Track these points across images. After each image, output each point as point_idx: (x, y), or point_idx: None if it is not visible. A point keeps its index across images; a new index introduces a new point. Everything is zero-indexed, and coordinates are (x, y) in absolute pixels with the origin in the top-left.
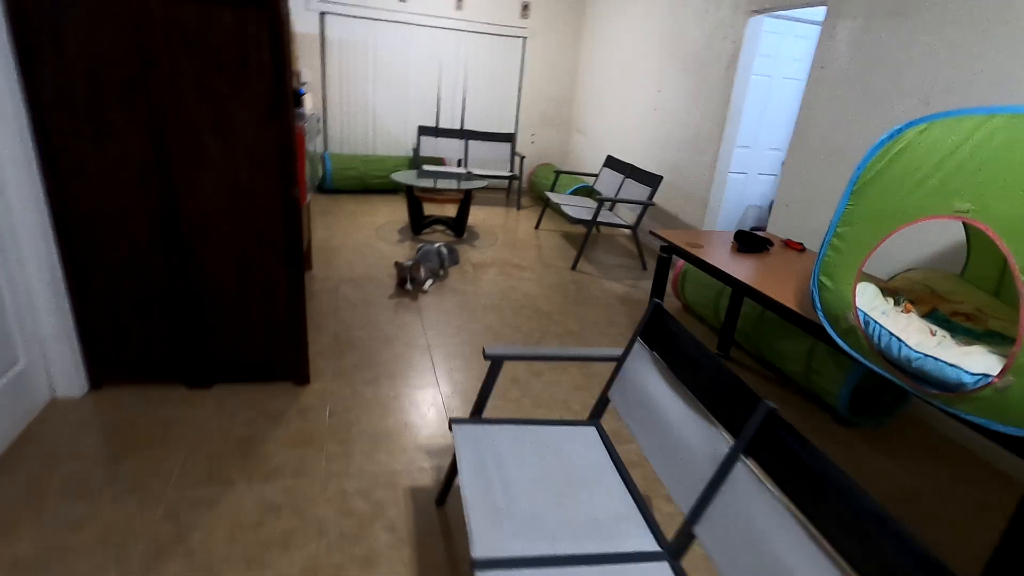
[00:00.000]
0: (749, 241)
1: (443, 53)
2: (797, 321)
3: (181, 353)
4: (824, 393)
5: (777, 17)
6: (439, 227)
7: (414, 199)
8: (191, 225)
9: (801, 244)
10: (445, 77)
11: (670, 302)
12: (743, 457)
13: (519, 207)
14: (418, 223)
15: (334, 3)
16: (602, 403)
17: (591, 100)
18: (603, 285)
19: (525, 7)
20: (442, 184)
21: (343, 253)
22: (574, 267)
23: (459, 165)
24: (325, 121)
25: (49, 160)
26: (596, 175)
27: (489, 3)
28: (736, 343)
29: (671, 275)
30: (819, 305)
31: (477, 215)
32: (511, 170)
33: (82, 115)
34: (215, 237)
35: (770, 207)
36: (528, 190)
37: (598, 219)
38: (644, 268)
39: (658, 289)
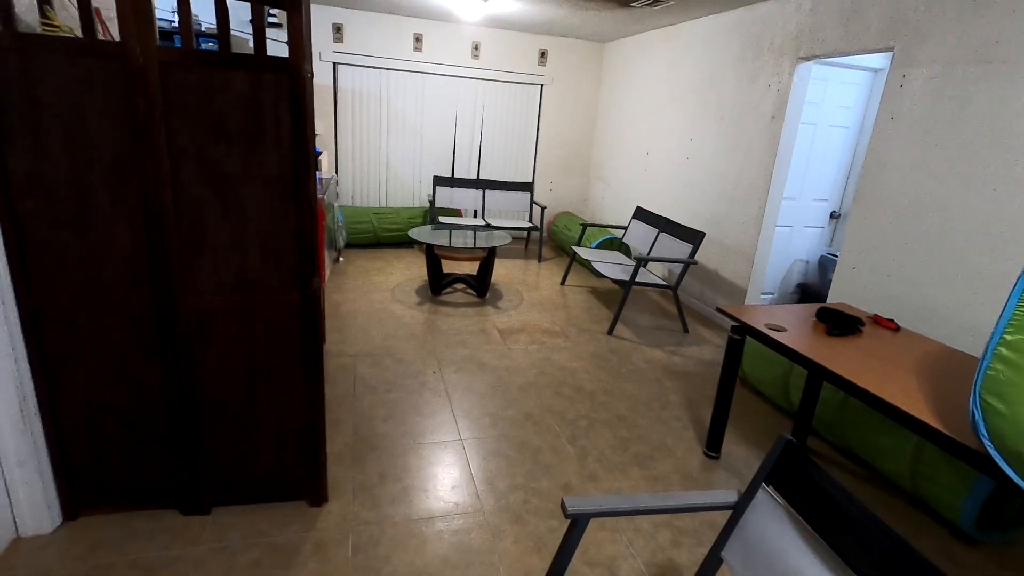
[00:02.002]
0: (838, 321)
1: (458, 101)
2: (941, 442)
3: (175, 474)
4: (938, 503)
5: (824, 63)
6: (459, 285)
7: (433, 257)
8: (190, 325)
9: (894, 322)
10: (460, 126)
11: (717, 373)
12: None
13: (540, 259)
14: (437, 282)
15: (348, 53)
16: (712, 564)
17: (612, 148)
18: (645, 353)
19: (542, 54)
20: (463, 241)
21: (358, 319)
22: (611, 331)
23: (476, 216)
24: (337, 174)
25: (19, 253)
26: (624, 227)
27: (506, 51)
28: (814, 431)
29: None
30: (985, 432)
31: (497, 269)
32: (530, 220)
33: (61, 199)
34: (218, 339)
35: (820, 263)
36: (547, 239)
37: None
38: (686, 331)
39: (729, 377)
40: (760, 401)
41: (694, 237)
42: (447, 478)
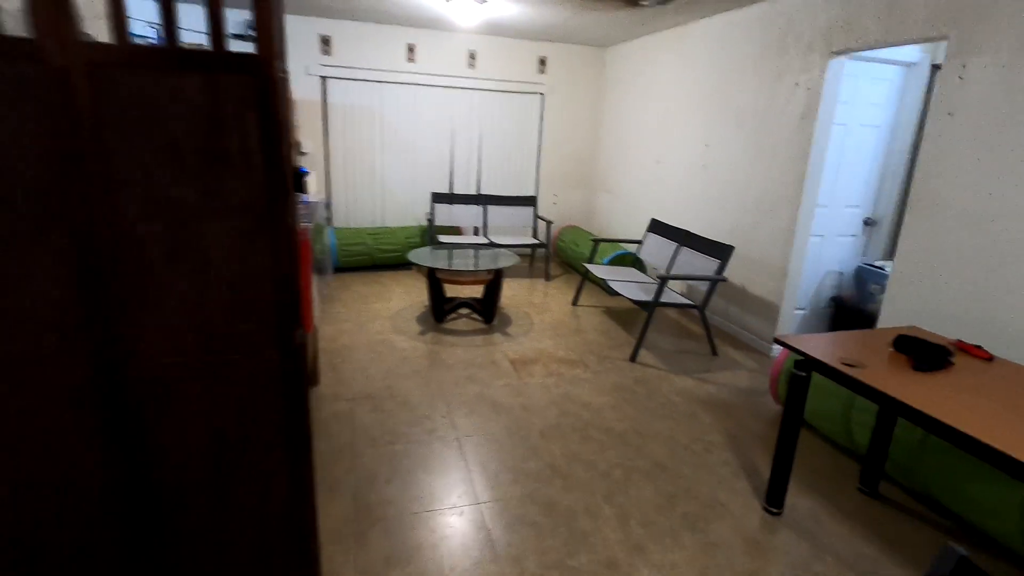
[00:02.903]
0: (922, 353)
1: (455, 114)
2: None
3: None
4: None
5: (855, 59)
6: (464, 311)
7: (435, 281)
8: (139, 395)
9: (983, 349)
10: (458, 139)
11: (758, 403)
12: None
13: (548, 277)
14: (440, 309)
15: (337, 66)
16: None
17: (618, 157)
18: (674, 383)
19: (542, 61)
20: (466, 263)
21: (355, 355)
22: (633, 358)
23: (477, 234)
24: (329, 194)
25: None
26: (639, 241)
27: (504, 60)
28: (888, 476)
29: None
30: None
31: (503, 290)
32: (535, 236)
33: None
34: (177, 410)
35: (857, 274)
36: (554, 255)
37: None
38: (714, 354)
39: (792, 423)
40: (813, 436)
41: (721, 251)
42: (467, 559)
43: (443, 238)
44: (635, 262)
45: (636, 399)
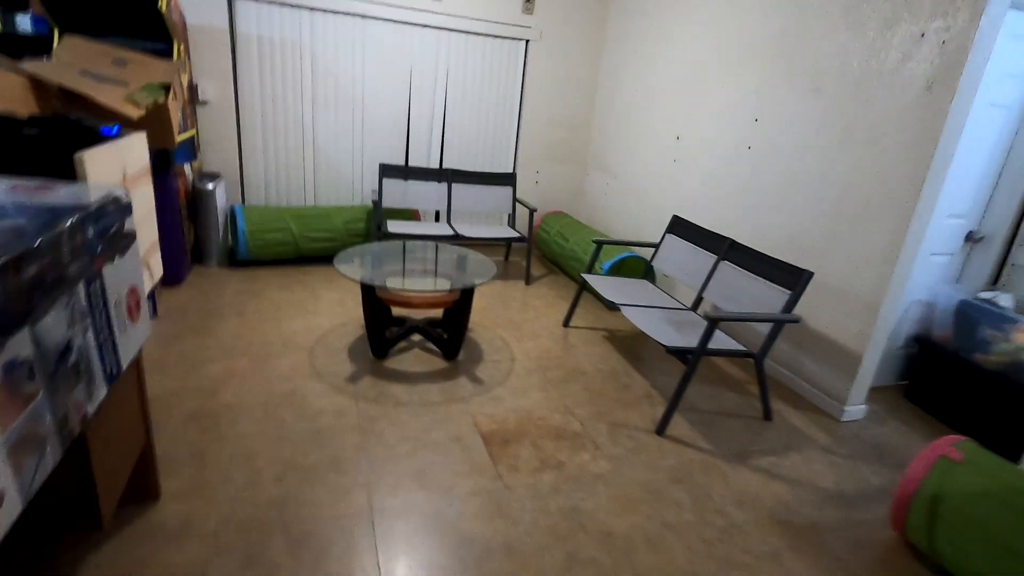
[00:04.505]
0: None
1: (414, 60)
2: None
3: None
4: None
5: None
6: (416, 337)
7: (374, 300)
8: None
9: None
10: (418, 95)
11: (858, 525)
12: None
13: (528, 280)
14: (381, 339)
15: None
16: None
17: (621, 128)
18: (728, 478)
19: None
20: (420, 275)
21: (241, 424)
22: (661, 430)
23: (438, 220)
24: (241, 160)
25: None
26: (654, 245)
27: None
28: None
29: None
30: None
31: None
32: (511, 223)
33: None
34: None
35: (961, 311)
36: (534, 248)
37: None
38: (767, 418)
39: None
40: None
41: (790, 277)
42: None
43: (393, 225)
44: (645, 271)
45: (681, 520)
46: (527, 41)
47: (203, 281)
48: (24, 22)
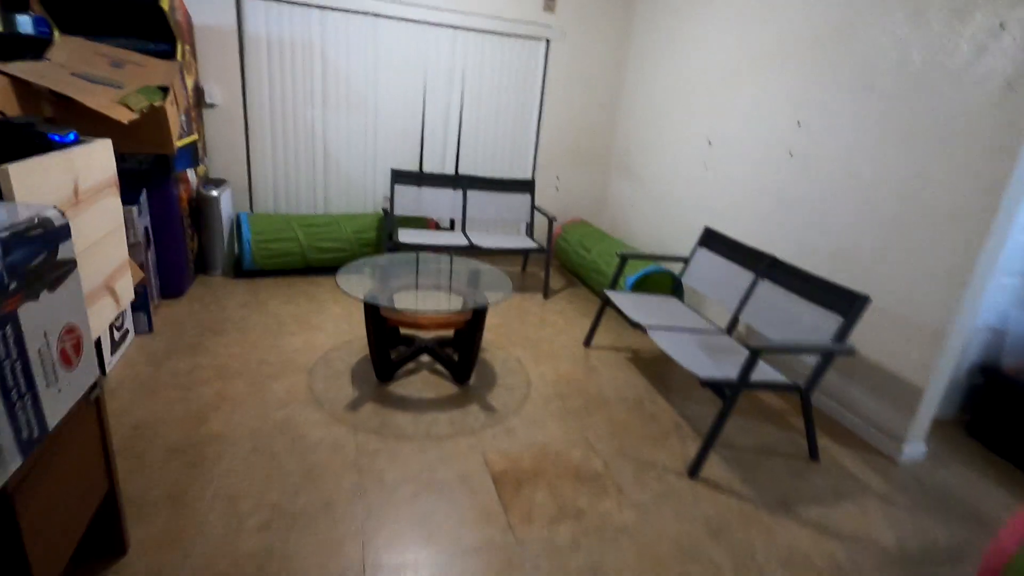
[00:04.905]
0: None
1: (429, 61)
2: None
3: None
4: None
5: None
6: (425, 357)
7: (379, 321)
8: None
9: None
10: (433, 97)
11: None
12: None
13: (546, 294)
14: (386, 361)
15: None
16: None
17: (648, 131)
18: (773, 533)
19: None
20: (431, 292)
21: (227, 458)
22: (694, 472)
23: (452, 228)
24: (249, 166)
25: None
26: (684, 259)
27: None
28: None
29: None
30: None
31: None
32: (529, 233)
33: None
34: None
35: None
36: (553, 259)
37: (745, 378)
38: (815, 458)
39: None
40: None
41: (843, 301)
42: None
43: (405, 234)
44: (672, 287)
45: None
46: (548, 40)
47: (205, 293)
48: (25, 23)
